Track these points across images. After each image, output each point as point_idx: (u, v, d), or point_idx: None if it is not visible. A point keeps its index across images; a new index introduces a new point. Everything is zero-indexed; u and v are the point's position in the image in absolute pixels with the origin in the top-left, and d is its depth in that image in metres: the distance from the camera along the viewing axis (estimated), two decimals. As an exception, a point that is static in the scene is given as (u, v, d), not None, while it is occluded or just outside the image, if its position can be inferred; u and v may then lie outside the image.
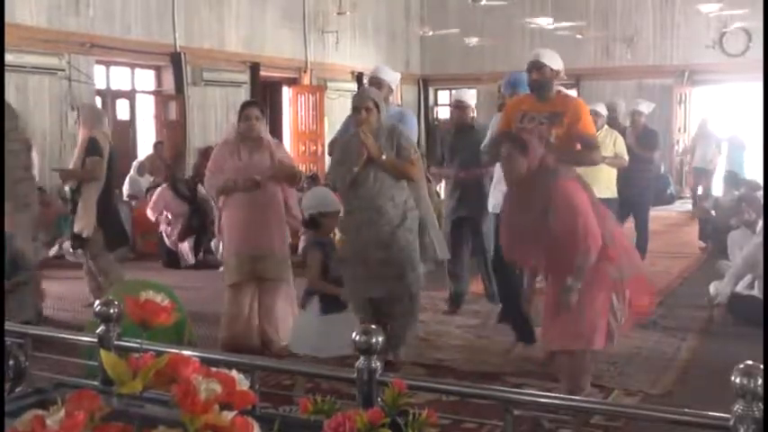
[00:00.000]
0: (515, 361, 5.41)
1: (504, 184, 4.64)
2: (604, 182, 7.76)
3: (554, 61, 4.95)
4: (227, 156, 5.73)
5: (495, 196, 6.05)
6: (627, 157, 7.76)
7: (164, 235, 9.82)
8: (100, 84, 12.03)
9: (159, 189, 10.09)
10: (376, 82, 6.00)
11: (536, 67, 4.92)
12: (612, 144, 7.70)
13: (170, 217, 9.77)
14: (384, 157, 5.06)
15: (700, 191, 13.87)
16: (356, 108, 5.19)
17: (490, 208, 6.19)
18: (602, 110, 7.88)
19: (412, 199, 5.21)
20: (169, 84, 12.98)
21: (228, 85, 13.82)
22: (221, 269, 6.48)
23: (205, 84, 13.33)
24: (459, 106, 7.03)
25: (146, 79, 13.26)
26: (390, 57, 18.10)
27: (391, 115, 5.68)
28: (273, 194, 5.75)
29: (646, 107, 9.06)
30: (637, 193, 8.13)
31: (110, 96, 12.49)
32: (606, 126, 7.86)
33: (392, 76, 6.16)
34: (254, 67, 14.21)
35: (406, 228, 5.11)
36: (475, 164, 6.47)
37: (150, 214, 9.89)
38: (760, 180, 10.55)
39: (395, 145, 5.14)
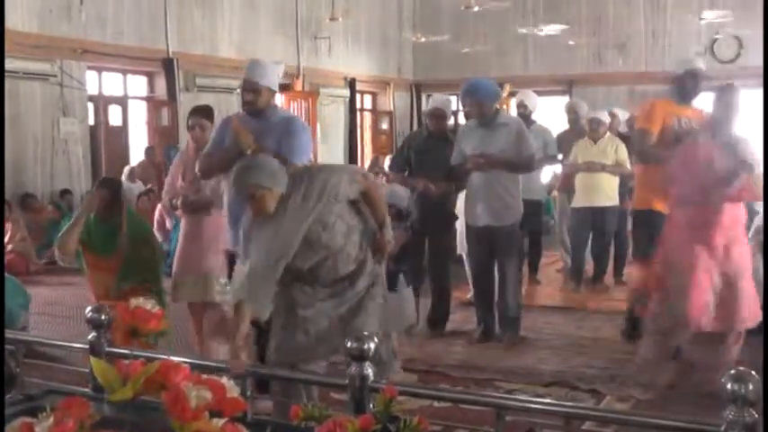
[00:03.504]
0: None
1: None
2: (606, 190, 7.74)
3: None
4: (178, 170, 5.29)
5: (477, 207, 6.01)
6: (629, 166, 7.74)
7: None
8: (92, 89, 12.00)
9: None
10: (251, 88, 4.53)
11: (697, 74, 5.40)
12: (614, 152, 7.69)
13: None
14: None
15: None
16: (243, 192, 3.57)
17: (473, 221, 6.10)
18: (604, 117, 7.86)
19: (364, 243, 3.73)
20: (162, 90, 12.96)
21: (221, 91, 13.80)
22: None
23: (198, 89, 13.31)
24: (436, 114, 6.30)
25: (138, 85, 13.23)
26: (383, 62, 18.12)
27: (276, 122, 4.50)
28: (202, 216, 5.13)
29: (621, 113, 9.06)
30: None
31: (102, 102, 12.45)
32: (609, 133, 7.85)
33: (271, 77, 4.58)
34: (247, 73, 14.19)
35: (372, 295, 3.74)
36: (445, 178, 6.02)
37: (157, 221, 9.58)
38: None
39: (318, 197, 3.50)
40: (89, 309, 2.47)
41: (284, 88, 15.67)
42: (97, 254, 5.02)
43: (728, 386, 1.70)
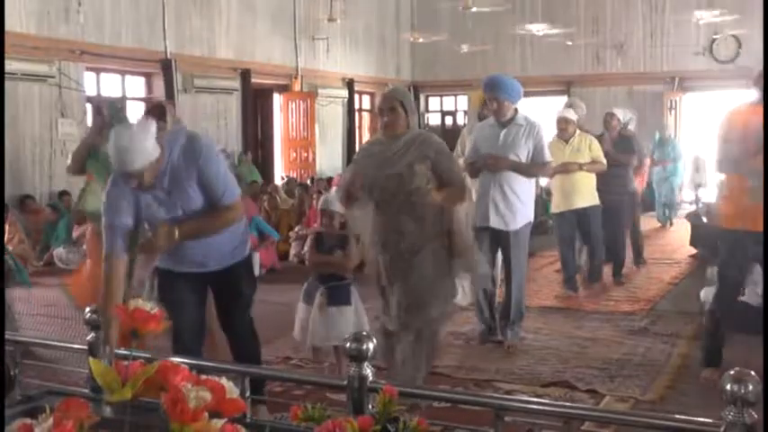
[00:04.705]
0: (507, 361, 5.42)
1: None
2: (586, 189, 7.65)
3: None
4: None
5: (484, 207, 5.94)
6: (605, 161, 7.65)
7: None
8: (90, 91, 11.99)
9: None
10: (129, 170, 3.49)
11: None
12: (588, 149, 7.56)
13: None
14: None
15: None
16: (379, 110, 4.43)
17: (479, 221, 6.02)
18: (572, 115, 7.77)
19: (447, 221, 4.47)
20: (160, 91, 12.94)
21: (219, 92, 13.81)
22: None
23: (196, 91, 13.31)
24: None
25: (136, 86, 13.22)
26: (381, 63, 18.13)
27: (175, 161, 3.66)
28: None
29: (621, 113, 9.01)
30: (616, 199, 8.02)
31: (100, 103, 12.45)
32: (579, 131, 7.73)
33: (144, 145, 3.46)
34: (245, 74, 14.20)
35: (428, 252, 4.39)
36: None
37: None
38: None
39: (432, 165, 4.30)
40: (88, 310, 2.48)
41: (282, 89, 15.68)
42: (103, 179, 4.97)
43: (728, 387, 1.70)
